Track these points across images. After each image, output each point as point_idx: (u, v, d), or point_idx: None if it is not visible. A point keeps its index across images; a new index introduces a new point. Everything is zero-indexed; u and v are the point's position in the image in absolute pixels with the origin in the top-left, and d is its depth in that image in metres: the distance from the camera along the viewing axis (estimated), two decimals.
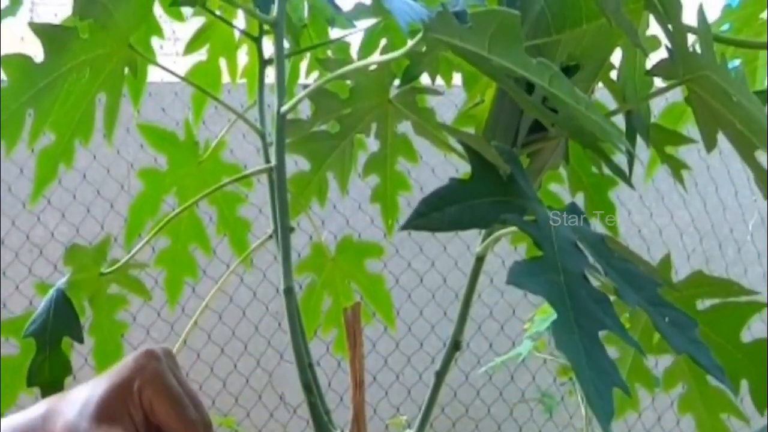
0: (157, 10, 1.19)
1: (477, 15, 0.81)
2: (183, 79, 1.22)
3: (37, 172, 1.08)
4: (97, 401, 0.86)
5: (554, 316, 0.75)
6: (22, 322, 1.09)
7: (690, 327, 0.80)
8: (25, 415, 0.89)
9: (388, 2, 0.86)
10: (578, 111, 0.83)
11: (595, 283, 0.80)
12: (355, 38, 1.24)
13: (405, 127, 1.09)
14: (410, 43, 0.85)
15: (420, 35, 0.84)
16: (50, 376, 1.07)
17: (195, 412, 0.88)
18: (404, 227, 0.82)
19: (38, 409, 0.89)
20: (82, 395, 0.88)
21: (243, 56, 1.31)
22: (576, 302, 0.76)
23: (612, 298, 0.79)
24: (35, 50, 0.99)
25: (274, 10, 1.03)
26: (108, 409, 0.86)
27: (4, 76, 1.00)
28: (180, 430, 0.87)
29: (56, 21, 1.06)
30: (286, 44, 1.11)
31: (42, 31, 0.99)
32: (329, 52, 1.26)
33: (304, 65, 1.28)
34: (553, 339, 0.74)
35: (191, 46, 1.29)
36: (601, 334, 0.75)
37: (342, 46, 1.26)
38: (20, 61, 0.99)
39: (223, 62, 1.31)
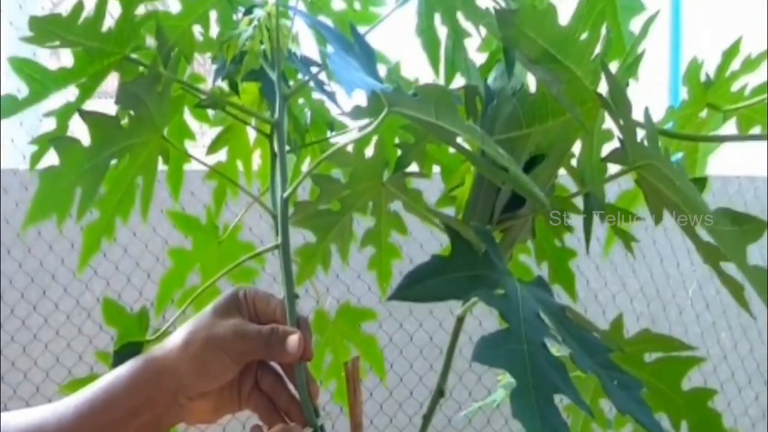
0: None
1: (420, 89, 0.86)
2: (210, 168, 1.21)
3: (84, 244, 1.06)
4: (211, 309, 0.97)
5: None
6: (83, 383, 1.05)
7: (635, 388, 0.80)
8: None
9: (337, 74, 0.90)
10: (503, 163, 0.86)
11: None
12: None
13: (396, 206, 1.09)
14: (380, 116, 0.89)
15: (385, 111, 0.87)
16: None
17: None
18: (390, 298, 0.81)
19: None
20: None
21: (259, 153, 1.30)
22: (535, 368, 0.76)
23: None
24: (82, 134, 0.98)
25: (276, 112, 1.03)
26: (220, 312, 0.96)
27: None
28: (282, 314, 0.97)
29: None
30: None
31: (88, 117, 0.98)
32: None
33: (307, 163, 1.29)
34: (512, 407, 0.73)
35: (213, 148, 1.28)
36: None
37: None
38: (69, 143, 0.98)
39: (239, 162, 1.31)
